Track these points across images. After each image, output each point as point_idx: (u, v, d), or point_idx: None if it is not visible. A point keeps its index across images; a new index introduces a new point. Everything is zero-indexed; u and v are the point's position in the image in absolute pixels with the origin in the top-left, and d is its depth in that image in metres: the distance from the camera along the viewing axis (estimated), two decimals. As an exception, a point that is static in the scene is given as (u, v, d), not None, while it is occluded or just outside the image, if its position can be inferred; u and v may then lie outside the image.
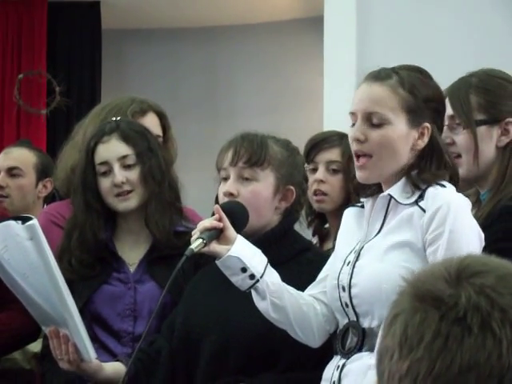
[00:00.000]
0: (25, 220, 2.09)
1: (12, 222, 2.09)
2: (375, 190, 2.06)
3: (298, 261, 2.29)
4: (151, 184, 2.46)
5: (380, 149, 1.99)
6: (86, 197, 2.46)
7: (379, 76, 2.03)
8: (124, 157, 2.46)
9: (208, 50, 6.37)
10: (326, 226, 2.87)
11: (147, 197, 2.46)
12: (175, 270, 1.98)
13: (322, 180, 2.74)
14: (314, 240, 2.79)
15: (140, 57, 6.40)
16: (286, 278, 2.10)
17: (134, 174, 2.46)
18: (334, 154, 2.72)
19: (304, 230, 2.70)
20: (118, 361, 2.30)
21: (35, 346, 2.83)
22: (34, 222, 2.08)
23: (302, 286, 2.14)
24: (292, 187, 2.34)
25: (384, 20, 4.03)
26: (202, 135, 5.96)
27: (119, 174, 2.44)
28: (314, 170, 2.77)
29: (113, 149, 2.46)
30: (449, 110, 2.21)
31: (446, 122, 2.23)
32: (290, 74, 6.23)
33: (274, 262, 2.10)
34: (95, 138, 2.49)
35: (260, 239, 2.24)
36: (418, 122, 2.00)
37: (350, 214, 2.15)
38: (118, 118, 2.54)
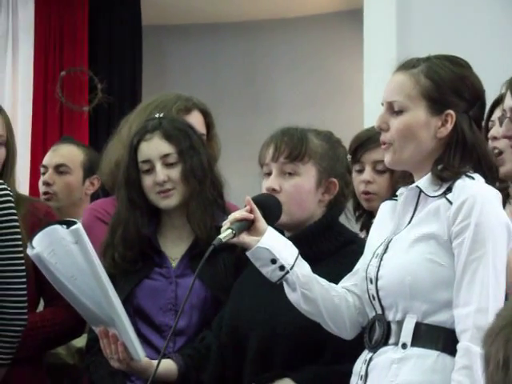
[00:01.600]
0: (69, 224, 2.13)
1: (58, 227, 2.13)
2: (411, 183, 2.06)
3: (343, 253, 2.31)
4: (193, 182, 2.48)
5: (399, 135, 2.01)
6: (130, 193, 2.50)
7: (405, 65, 2.05)
8: (166, 155, 2.48)
9: (247, 44, 6.38)
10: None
11: (189, 194, 2.49)
12: (202, 261, 2.01)
13: (370, 181, 2.73)
14: (363, 235, 2.78)
15: (180, 52, 6.42)
16: (330, 271, 2.13)
17: (175, 172, 2.48)
18: (380, 154, 2.70)
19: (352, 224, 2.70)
20: (168, 358, 2.33)
21: (79, 341, 2.86)
22: (79, 226, 2.11)
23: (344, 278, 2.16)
24: (335, 179, 2.35)
25: (424, 12, 4.01)
26: (241, 129, 5.97)
27: (161, 173, 2.47)
28: (361, 171, 2.76)
29: (155, 147, 2.49)
30: (509, 102, 2.20)
31: (508, 114, 2.22)
32: (329, 68, 6.22)
33: (318, 255, 2.15)
34: (138, 135, 2.51)
35: (304, 232, 2.27)
36: (440, 109, 2.00)
37: (385, 207, 2.16)
38: (161, 115, 2.56)
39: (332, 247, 2.31)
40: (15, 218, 2.43)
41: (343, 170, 2.40)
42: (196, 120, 2.76)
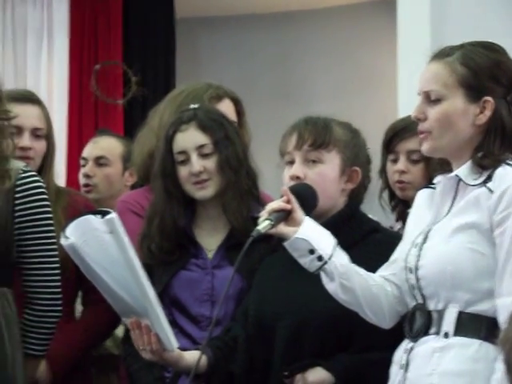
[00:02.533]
0: (104, 214, 2.11)
1: (91, 217, 2.11)
2: (449, 171, 2.06)
3: (367, 242, 2.30)
4: (228, 172, 2.48)
5: (437, 124, 2.01)
6: (166, 184, 2.50)
7: (440, 53, 2.05)
8: (201, 146, 2.49)
9: (279, 35, 6.37)
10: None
11: (224, 185, 2.49)
12: (242, 252, 2.01)
13: (404, 171, 2.72)
14: (398, 225, 2.78)
15: (213, 44, 6.43)
16: (355, 260, 2.12)
17: (211, 163, 2.48)
18: (414, 143, 2.69)
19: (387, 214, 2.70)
20: (198, 349, 2.31)
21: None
22: (113, 215, 2.10)
23: (372, 267, 2.15)
24: (357, 168, 2.35)
25: (458, 0, 3.99)
26: (275, 121, 5.94)
27: (196, 164, 2.47)
28: (395, 161, 2.75)
29: (190, 138, 2.49)
30: None
31: None
32: (361, 58, 6.20)
33: (342, 244, 2.12)
34: (174, 126, 2.52)
35: (327, 221, 2.26)
36: (477, 96, 1.99)
37: (422, 195, 2.15)
38: (197, 106, 2.56)
39: (356, 236, 2.31)
40: (49, 210, 2.45)
41: (365, 159, 2.40)
42: (227, 108, 2.76)
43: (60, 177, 3.97)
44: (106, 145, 3.60)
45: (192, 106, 2.56)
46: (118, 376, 3.00)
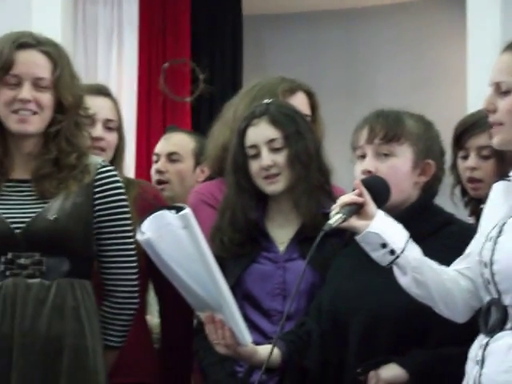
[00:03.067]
0: (178, 209, 2.13)
1: (166, 212, 2.13)
2: None
3: (441, 235, 2.29)
4: (298, 167, 2.49)
5: (508, 116, 1.98)
6: (238, 178, 2.53)
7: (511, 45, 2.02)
8: (272, 140, 2.50)
9: (347, 31, 6.35)
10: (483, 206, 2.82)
11: (295, 180, 2.50)
12: (313, 246, 2.02)
13: (475, 167, 2.70)
14: (472, 220, 2.75)
15: (280, 41, 6.44)
16: (429, 253, 2.10)
17: (281, 158, 2.50)
18: (484, 139, 2.66)
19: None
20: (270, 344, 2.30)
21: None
22: (187, 211, 2.11)
23: (446, 259, 2.13)
24: (430, 161, 2.33)
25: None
26: (343, 117, 5.94)
27: (267, 158, 2.49)
28: (466, 157, 2.73)
29: (261, 132, 2.51)
30: None
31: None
32: (430, 53, 6.14)
33: (415, 237, 2.10)
34: (246, 120, 2.54)
35: (400, 214, 2.24)
36: None
37: (497, 188, 2.12)
38: (270, 101, 2.57)
39: (430, 228, 2.29)
40: (126, 204, 2.48)
41: (438, 151, 2.38)
42: (301, 101, 2.77)
43: (129, 174, 4.02)
44: (178, 141, 3.63)
45: (265, 100, 2.58)
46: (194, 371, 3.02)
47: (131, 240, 2.45)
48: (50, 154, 2.41)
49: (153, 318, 3.04)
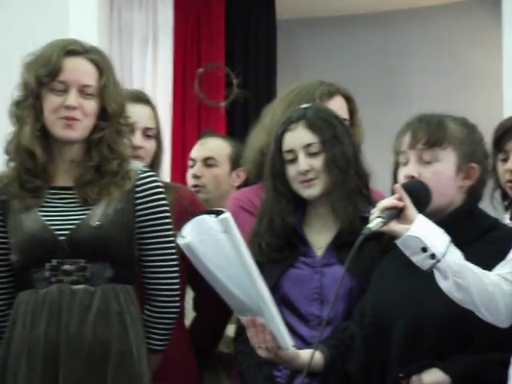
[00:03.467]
0: (218, 213, 2.14)
1: (206, 216, 2.15)
2: None
3: (485, 239, 2.27)
4: (335, 172, 2.48)
5: None
6: (275, 183, 2.53)
7: None
8: (309, 145, 2.50)
9: (381, 35, 6.32)
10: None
11: (332, 184, 2.49)
12: (353, 250, 2.02)
13: None
14: (512, 224, 2.73)
15: (314, 45, 6.43)
16: (473, 258, 2.10)
17: (318, 162, 2.49)
18: None
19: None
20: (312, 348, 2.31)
21: (233, 331, 2.92)
22: (227, 215, 2.13)
23: (490, 265, 2.12)
24: (474, 164, 2.32)
25: None
26: (377, 120, 5.93)
27: (303, 163, 2.49)
28: (505, 160, 2.71)
29: (298, 137, 2.51)
30: None
31: None
32: (465, 57, 6.11)
33: (460, 242, 2.10)
34: (283, 125, 2.54)
35: (444, 219, 2.23)
36: None
37: None
38: (307, 105, 2.57)
39: (474, 233, 2.28)
40: (167, 208, 2.50)
41: (482, 155, 2.37)
42: (339, 105, 2.77)
43: (165, 179, 4.04)
44: (213, 145, 3.63)
45: (303, 105, 2.58)
46: (229, 374, 3.03)
47: (172, 244, 2.47)
48: (92, 160, 2.44)
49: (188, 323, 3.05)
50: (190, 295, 2.93)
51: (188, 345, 2.81)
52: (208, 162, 3.58)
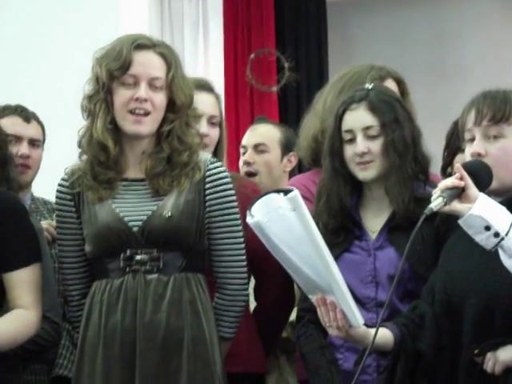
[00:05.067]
0: (286, 192, 2.14)
1: (274, 195, 2.15)
2: None
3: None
4: (393, 156, 2.47)
5: None
6: (333, 162, 2.52)
7: None
8: (368, 127, 2.49)
9: (433, 13, 6.25)
10: None
11: (388, 168, 2.48)
12: (414, 231, 2.01)
13: None
14: None
15: (365, 26, 6.39)
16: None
17: (376, 145, 2.48)
18: None
19: None
20: (383, 326, 2.31)
21: (291, 315, 2.93)
22: (296, 193, 2.12)
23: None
24: None
25: None
26: (430, 100, 5.88)
27: (361, 144, 2.48)
28: None
29: (358, 118, 2.50)
30: None
31: None
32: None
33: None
34: (345, 104, 2.52)
35: (510, 199, 2.21)
36: None
37: None
38: (370, 86, 2.55)
39: None
40: (235, 198, 2.53)
41: None
42: (390, 88, 2.74)
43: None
44: (264, 131, 3.65)
45: (366, 85, 2.56)
46: (288, 359, 3.04)
47: (241, 234, 2.51)
48: (162, 152, 2.48)
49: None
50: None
51: (254, 330, 2.82)
52: (259, 148, 3.59)
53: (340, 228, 2.50)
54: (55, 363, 2.89)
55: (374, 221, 2.52)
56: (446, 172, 2.85)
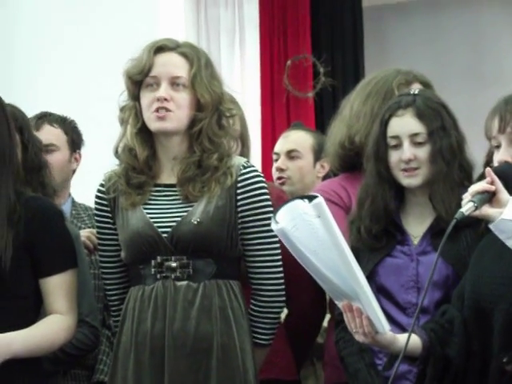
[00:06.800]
0: (311, 199, 2.13)
1: (299, 201, 2.13)
2: None
3: None
4: (440, 163, 2.45)
5: None
6: (378, 167, 2.50)
7: None
8: (415, 134, 2.46)
9: (470, 17, 6.22)
10: None
11: (434, 175, 2.46)
12: (446, 234, 2.00)
13: None
14: None
15: (401, 31, 6.37)
16: None
17: (423, 152, 2.46)
18: None
19: None
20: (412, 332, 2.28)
21: (326, 322, 2.93)
22: (320, 199, 2.11)
23: None
24: None
25: None
26: (469, 106, 5.84)
27: (408, 151, 2.46)
28: None
29: (405, 124, 2.47)
30: None
31: None
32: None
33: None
34: (390, 110, 2.50)
35: None
36: None
37: None
38: (417, 92, 2.53)
39: None
40: (269, 203, 2.51)
41: None
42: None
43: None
44: (296, 138, 3.66)
45: (413, 90, 2.55)
46: (324, 364, 3.05)
47: (276, 239, 2.48)
48: (194, 156, 2.48)
49: None
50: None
51: (284, 336, 2.82)
52: (291, 154, 3.61)
53: (382, 232, 2.49)
54: (95, 369, 2.93)
55: (416, 226, 2.51)
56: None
